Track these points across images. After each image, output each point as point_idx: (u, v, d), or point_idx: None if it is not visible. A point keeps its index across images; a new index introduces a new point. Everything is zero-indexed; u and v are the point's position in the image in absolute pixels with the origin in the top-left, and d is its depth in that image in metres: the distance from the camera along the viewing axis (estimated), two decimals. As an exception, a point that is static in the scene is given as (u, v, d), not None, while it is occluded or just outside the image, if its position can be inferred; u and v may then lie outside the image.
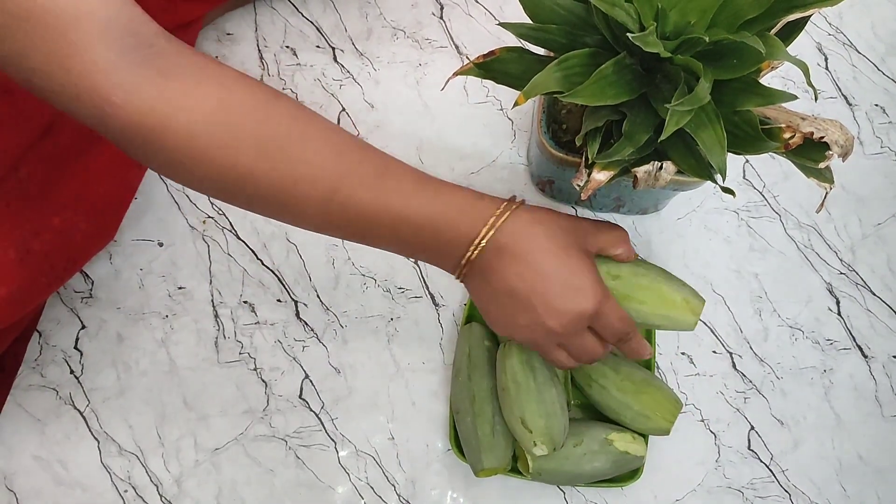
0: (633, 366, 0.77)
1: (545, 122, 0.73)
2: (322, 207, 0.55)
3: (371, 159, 0.56)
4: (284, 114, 0.54)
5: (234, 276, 0.85)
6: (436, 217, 0.56)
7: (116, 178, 0.76)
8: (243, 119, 0.52)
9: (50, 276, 0.70)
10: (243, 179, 0.53)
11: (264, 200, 0.55)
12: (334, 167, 0.54)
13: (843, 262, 0.88)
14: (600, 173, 0.58)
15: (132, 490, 0.79)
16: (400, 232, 0.57)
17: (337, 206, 0.55)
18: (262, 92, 0.53)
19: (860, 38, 0.96)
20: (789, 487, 0.82)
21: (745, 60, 0.53)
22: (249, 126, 0.52)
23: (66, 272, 0.72)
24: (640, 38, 0.49)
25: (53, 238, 0.69)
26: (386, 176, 0.56)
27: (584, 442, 0.75)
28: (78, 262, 0.74)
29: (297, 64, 0.92)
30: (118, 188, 0.77)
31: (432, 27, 0.95)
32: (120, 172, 0.76)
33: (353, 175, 0.55)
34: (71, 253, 0.72)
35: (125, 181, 0.77)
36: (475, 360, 0.77)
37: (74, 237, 0.71)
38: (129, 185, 0.78)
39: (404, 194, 0.56)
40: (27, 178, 0.67)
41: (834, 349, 0.86)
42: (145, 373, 0.82)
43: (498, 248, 0.57)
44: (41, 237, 0.68)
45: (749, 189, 0.90)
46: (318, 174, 0.54)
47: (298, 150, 0.53)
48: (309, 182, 0.54)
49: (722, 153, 0.53)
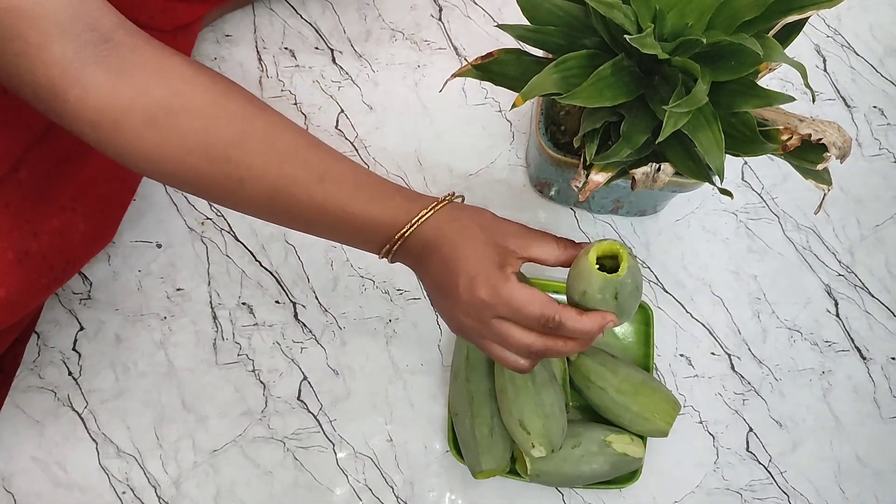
0: (631, 367, 0.77)
1: (543, 123, 0.73)
2: (266, 206, 0.57)
3: (313, 162, 0.57)
4: (233, 114, 0.55)
5: (232, 277, 0.85)
6: (369, 219, 0.58)
7: (115, 180, 0.76)
8: (190, 122, 0.53)
9: (49, 277, 0.70)
10: (193, 177, 0.55)
11: (215, 197, 0.57)
12: (276, 171, 0.56)
13: (841, 264, 0.88)
14: (598, 175, 0.58)
15: (130, 492, 0.79)
16: (336, 230, 0.59)
17: (279, 205, 0.57)
18: (214, 90, 0.55)
19: (858, 39, 0.96)
20: (788, 489, 0.82)
21: (742, 62, 0.53)
22: (197, 129, 0.53)
23: (64, 273, 0.72)
24: (638, 40, 0.49)
25: (52, 239, 0.69)
26: (325, 179, 0.57)
27: (583, 443, 0.75)
28: (77, 264, 0.74)
29: (296, 65, 0.92)
30: (117, 190, 0.77)
31: (431, 29, 0.95)
32: (118, 174, 0.76)
33: (293, 178, 0.57)
34: (70, 254, 0.72)
35: (124, 183, 0.77)
36: (473, 362, 0.77)
37: (73, 238, 0.71)
38: (127, 186, 0.78)
39: (341, 198, 0.58)
40: (27, 179, 0.67)
41: (832, 351, 0.86)
42: (144, 374, 0.82)
43: (422, 243, 0.58)
44: (40, 238, 0.68)
45: (748, 191, 0.90)
46: (259, 176, 0.56)
47: (240, 155, 0.55)
48: (251, 183, 0.56)
49: (720, 155, 0.54)
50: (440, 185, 0.88)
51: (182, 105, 0.53)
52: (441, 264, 0.58)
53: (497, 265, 0.57)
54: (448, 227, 0.58)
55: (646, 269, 0.87)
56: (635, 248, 0.87)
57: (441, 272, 0.58)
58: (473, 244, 0.58)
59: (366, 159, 0.89)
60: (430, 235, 0.58)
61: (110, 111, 0.51)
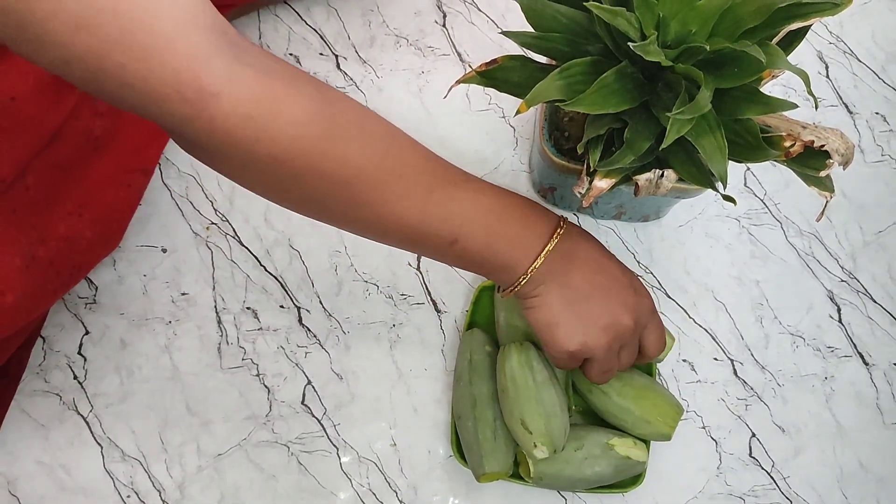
0: (633, 372, 0.78)
1: (547, 129, 0.73)
2: (421, 204, 0.56)
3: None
4: (374, 115, 0.55)
5: (237, 282, 0.86)
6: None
7: (122, 187, 0.77)
8: (345, 115, 0.52)
9: (56, 283, 0.70)
10: (351, 176, 0.52)
11: (362, 200, 0.54)
12: (430, 165, 0.57)
13: (844, 270, 0.89)
14: (602, 181, 0.59)
15: (135, 496, 0.79)
16: (463, 267, 0.62)
17: (434, 204, 0.57)
18: (347, 96, 0.55)
19: (860, 46, 0.97)
20: (791, 495, 0.82)
21: (745, 69, 0.54)
22: (354, 121, 0.52)
23: (71, 279, 0.73)
24: (642, 48, 0.50)
25: (59, 245, 0.69)
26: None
27: (585, 446, 0.75)
28: (83, 269, 0.74)
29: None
30: (124, 196, 0.77)
31: (435, 35, 0.95)
32: (125, 180, 0.77)
33: (446, 172, 0.58)
34: (76, 260, 0.72)
35: (131, 189, 0.78)
36: (476, 366, 0.78)
37: (80, 245, 0.71)
38: (134, 192, 0.79)
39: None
40: (34, 186, 0.67)
41: (835, 357, 0.86)
42: (148, 378, 0.82)
43: (561, 255, 0.61)
44: (47, 245, 0.68)
45: (750, 197, 0.90)
46: (420, 168, 0.56)
47: (398, 149, 0.55)
48: (413, 176, 0.55)
49: (723, 161, 0.54)
50: (444, 191, 0.89)
51: (332, 99, 0.51)
52: (597, 272, 0.62)
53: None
54: (585, 242, 0.64)
55: (648, 275, 0.87)
56: (638, 254, 0.88)
57: (597, 279, 0.62)
58: (612, 259, 0.65)
59: (370, 165, 0.89)
60: (567, 247, 0.62)
61: (262, 108, 0.46)
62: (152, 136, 0.80)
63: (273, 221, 0.87)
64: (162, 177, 0.88)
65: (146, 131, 0.79)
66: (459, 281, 0.86)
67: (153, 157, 0.80)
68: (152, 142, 0.80)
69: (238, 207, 0.87)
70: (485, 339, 0.80)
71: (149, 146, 0.80)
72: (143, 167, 0.79)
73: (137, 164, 0.78)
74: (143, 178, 0.79)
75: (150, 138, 0.80)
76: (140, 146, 0.78)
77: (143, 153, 0.79)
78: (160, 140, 0.81)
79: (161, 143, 0.81)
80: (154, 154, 0.80)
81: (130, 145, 0.77)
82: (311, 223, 0.87)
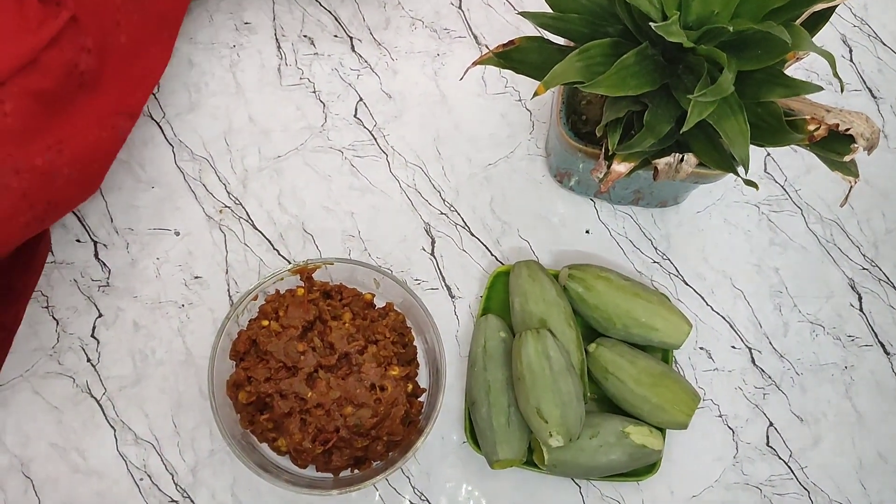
0: (650, 359, 0.77)
1: (565, 113, 0.72)
2: None
3: None
4: None
5: (250, 265, 0.85)
6: None
7: (105, 128, 0.75)
8: None
9: (28, 215, 0.69)
10: None
11: None
12: None
13: (865, 258, 0.87)
14: (620, 165, 0.58)
15: (148, 478, 0.79)
16: None
17: None
18: None
19: (885, 29, 0.95)
20: (808, 485, 0.81)
21: (769, 51, 0.52)
22: None
23: (45, 215, 0.71)
24: (663, 28, 0.49)
25: (33, 178, 0.68)
26: None
27: (601, 434, 0.74)
28: (59, 208, 0.73)
29: (315, 53, 0.92)
30: (107, 137, 0.76)
31: (451, 17, 0.94)
32: (110, 122, 0.75)
33: None
34: (52, 195, 0.71)
35: (114, 131, 0.76)
36: (490, 351, 0.77)
37: (56, 181, 0.70)
38: (117, 135, 0.77)
39: None
40: (11, 113, 0.66)
41: (855, 345, 0.85)
42: (161, 362, 0.82)
43: None
44: (20, 175, 0.67)
45: (770, 183, 0.89)
46: None
47: None
48: None
49: (745, 145, 0.53)
50: (458, 175, 0.88)
51: None
52: None
53: None
54: None
55: (666, 261, 0.86)
56: (655, 240, 0.87)
57: None
58: None
59: (384, 148, 0.89)
60: None
61: None
62: (139, 80, 0.79)
63: (287, 205, 0.86)
64: (175, 159, 0.87)
65: (135, 74, 0.78)
66: (474, 266, 0.85)
67: (140, 100, 0.79)
68: (139, 86, 0.79)
69: (251, 191, 0.87)
70: (499, 324, 0.79)
71: (135, 90, 0.79)
72: (129, 111, 0.78)
73: (124, 107, 0.77)
74: (129, 121, 0.78)
75: (138, 81, 0.79)
76: (127, 89, 0.77)
77: (130, 96, 0.78)
78: (147, 85, 0.80)
79: (149, 87, 0.80)
80: (140, 98, 0.79)
81: (117, 87, 0.76)
82: (325, 207, 0.86)
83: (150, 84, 0.81)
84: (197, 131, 0.89)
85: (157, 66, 0.83)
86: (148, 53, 0.81)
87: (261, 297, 0.78)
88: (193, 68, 0.90)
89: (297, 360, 0.71)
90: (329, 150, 0.88)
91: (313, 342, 0.73)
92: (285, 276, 0.77)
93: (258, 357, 0.73)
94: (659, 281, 0.86)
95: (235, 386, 0.73)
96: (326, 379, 0.71)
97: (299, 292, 0.76)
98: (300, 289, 0.77)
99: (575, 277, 0.78)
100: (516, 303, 0.79)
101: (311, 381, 0.71)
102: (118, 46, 0.76)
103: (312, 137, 0.89)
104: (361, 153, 0.89)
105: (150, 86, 0.81)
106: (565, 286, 0.79)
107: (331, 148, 0.88)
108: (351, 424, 0.70)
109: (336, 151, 0.88)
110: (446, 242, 0.86)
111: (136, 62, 0.79)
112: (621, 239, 0.87)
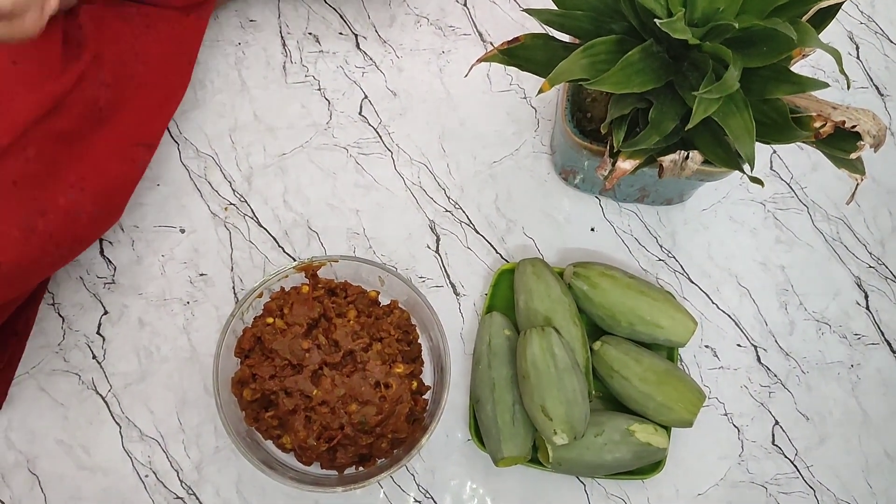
0: (655, 357, 0.77)
1: (569, 110, 0.72)
2: None
3: None
4: None
5: (255, 263, 0.85)
6: None
7: (125, 160, 0.75)
8: None
9: (55, 255, 0.69)
10: None
11: None
12: None
13: (872, 256, 0.87)
14: (625, 162, 0.57)
15: (153, 475, 0.79)
16: None
17: None
18: None
19: (893, 26, 0.94)
20: (814, 483, 0.81)
21: (775, 47, 0.52)
22: None
23: (70, 252, 0.72)
24: (669, 25, 0.48)
25: (59, 218, 0.68)
26: None
27: (605, 432, 0.74)
28: (84, 242, 0.73)
29: (320, 51, 0.92)
30: (126, 170, 0.76)
31: (455, 14, 0.94)
32: (129, 154, 0.76)
33: None
34: (77, 233, 0.71)
35: (134, 163, 0.77)
36: (495, 349, 0.77)
37: (80, 219, 0.71)
38: (137, 166, 0.77)
39: None
40: (35, 157, 0.66)
41: (861, 344, 0.84)
42: (166, 359, 0.82)
43: None
44: (47, 217, 0.67)
45: (776, 180, 0.89)
46: None
47: None
48: None
49: (750, 142, 0.53)
50: (463, 172, 0.88)
51: None
52: None
53: None
54: None
55: (671, 259, 0.86)
56: (660, 238, 0.86)
57: None
58: None
59: (389, 146, 0.89)
60: None
61: None
62: (157, 110, 0.79)
63: (292, 203, 0.87)
64: (180, 157, 0.87)
65: (151, 105, 0.78)
66: (478, 264, 0.85)
67: (157, 131, 0.79)
68: (157, 115, 0.79)
69: (256, 188, 0.87)
70: (504, 322, 0.79)
71: (153, 120, 0.79)
72: (147, 141, 0.78)
73: (141, 137, 0.77)
74: (147, 152, 0.78)
75: (155, 112, 0.79)
76: (145, 119, 0.77)
77: (148, 127, 0.78)
78: (165, 114, 0.80)
79: (166, 117, 0.80)
80: (158, 128, 0.79)
81: (135, 118, 0.76)
82: (330, 204, 0.86)
83: (168, 112, 0.81)
84: (202, 129, 0.89)
85: (174, 94, 0.82)
86: (167, 81, 0.81)
87: (266, 294, 0.78)
88: (198, 66, 0.90)
89: (301, 357, 0.71)
90: (334, 147, 0.88)
91: (318, 339, 0.73)
92: (290, 274, 0.77)
93: (263, 354, 0.73)
94: (664, 279, 0.85)
95: (240, 383, 0.73)
96: (331, 376, 0.71)
97: (304, 290, 0.76)
98: (305, 286, 0.77)
99: (580, 275, 0.78)
100: (521, 300, 0.78)
101: (315, 379, 0.71)
102: (135, 76, 0.76)
103: (317, 135, 0.89)
104: (366, 150, 0.88)
105: (168, 114, 0.81)
106: (570, 284, 0.79)
107: (336, 145, 0.88)
108: (356, 422, 0.70)
109: (341, 149, 0.88)
110: (451, 240, 0.86)
111: (154, 91, 0.79)
112: (626, 237, 0.86)
